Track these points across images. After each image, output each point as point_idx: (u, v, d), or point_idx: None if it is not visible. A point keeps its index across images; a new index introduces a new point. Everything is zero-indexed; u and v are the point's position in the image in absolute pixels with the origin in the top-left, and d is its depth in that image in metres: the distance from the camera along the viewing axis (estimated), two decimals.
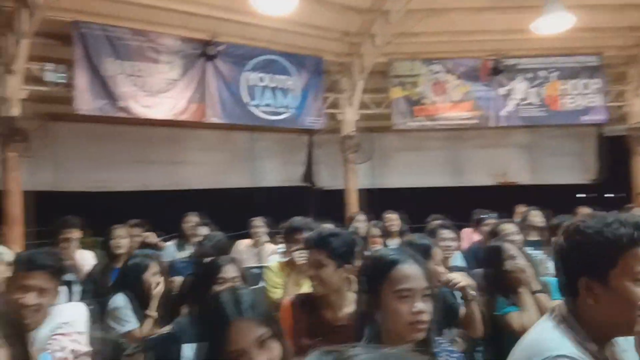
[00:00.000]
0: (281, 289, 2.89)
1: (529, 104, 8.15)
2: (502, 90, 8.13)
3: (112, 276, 3.53)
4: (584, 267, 1.27)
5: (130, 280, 2.89)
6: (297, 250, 2.86)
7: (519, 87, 8.14)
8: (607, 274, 1.23)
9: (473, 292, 2.37)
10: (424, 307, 1.42)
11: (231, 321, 1.21)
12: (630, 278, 1.21)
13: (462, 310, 2.42)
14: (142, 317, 2.81)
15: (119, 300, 2.82)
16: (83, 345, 2.01)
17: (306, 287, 2.57)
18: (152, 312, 2.82)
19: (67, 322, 2.00)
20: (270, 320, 1.27)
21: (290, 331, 1.99)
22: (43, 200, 7.00)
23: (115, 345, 2.42)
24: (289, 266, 3.00)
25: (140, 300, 2.84)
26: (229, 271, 2.31)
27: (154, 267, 2.95)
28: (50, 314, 2.07)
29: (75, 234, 4.14)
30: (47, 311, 2.08)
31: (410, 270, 1.46)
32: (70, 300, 2.96)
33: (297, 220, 3.29)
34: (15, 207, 5.71)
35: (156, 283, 2.85)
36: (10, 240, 5.34)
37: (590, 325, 1.25)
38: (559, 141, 9.35)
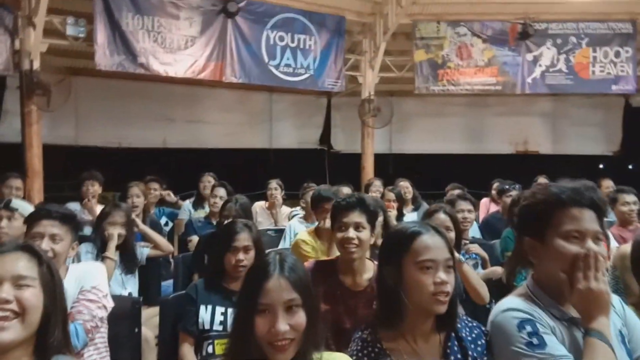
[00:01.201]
0: (313, 256, 2.91)
1: (557, 71, 7.89)
2: (529, 56, 7.87)
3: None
4: (525, 228, 1.43)
5: (96, 228, 3.11)
6: (325, 218, 2.90)
7: (547, 53, 7.86)
8: (544, 233, 1.36)
9: (461, 258, 2.41)
10: (446, 278, 1.42)
11: (270, 276, 1.24)
12: (562, 235, 1.33)
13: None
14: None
15: (82, 247, 2.96)
16: (108, 308, 2.07)
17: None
18: (108, 253, 2.94)
19: (94, 285, 2.04)
20: (305, 290, 1.27)
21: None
22: (63, 154, 7.10)
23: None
24: (318, 234, 3.01)
25: (102, 246, 3.01)
26: (242, 239, 2.32)
27: (113, 216, 3.07)
28: (72, 270, 2.11)
29: (97, 188, 4.21)
30: (65, 264, 2.12)
31: (432, 242, 1.46)
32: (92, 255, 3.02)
33: (325, 189, 3.31)
34: (36, 161, 5.79)
35: (107, 229, 3.00)
36: (30, 194, 5.43)
37: (545, 286, 1.37)
38: (584, 111, 9.10)
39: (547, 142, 9.38)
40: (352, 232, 2.11)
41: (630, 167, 12.84)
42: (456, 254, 2.39)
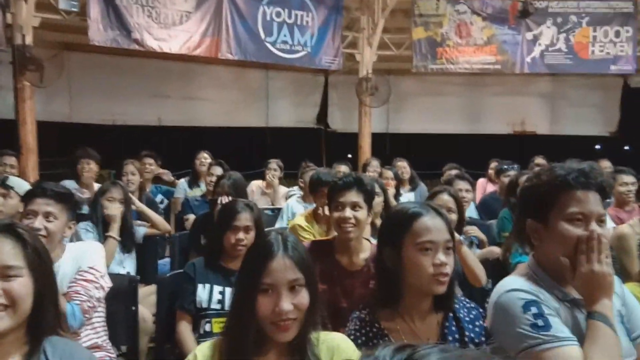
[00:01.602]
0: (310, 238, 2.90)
1: (556, 50, 7.82)
2: (529, 35, 7.79)
3: None
4: (528, 210, 1.41)
5: (94, 206, 3.05)
6: (325, 203, 2.85)
7: (547, 32, 7.78)
8: (547, 215, 1.35)
9: (460, 239, 2.41)
10: (445, 260, 1.42)
11: (274, 255, 1.23)
12: (565, 218, 1.32)
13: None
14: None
15: (81, 225, 2.93)
16: (106, 288, 2.06)
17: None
18: (112, 233, 2.92)
19: (91, 265, 2.02)
20: (308, 270, 1.27)
21: None
22: (57, 131, 7.03)
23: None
24: (316, 218, 2.99)
25: (103, 225, 2.97)
26: (243, 219, 2.30)
27: (111, 192, 3.03)
28: (68, 249, 2.09)
29: (93, 166, 4.17)
30: (62, 243, 2.10)
31: (432, 223, 1.45)
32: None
33: (324, 172, 3.24)
34: (30, 137, 5.73)
35: (107, 207, 2.97)
36: (25, 171, 5.38)
37: (547, 268, 1.36)
38: (582, 91, 9.06)
39: (544, 122, 9.35)
40: (348, 212, 2.10)
41: (627, 148, 12.86)
42: (456, 235, 2.39)
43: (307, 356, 1.26)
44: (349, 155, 8.45)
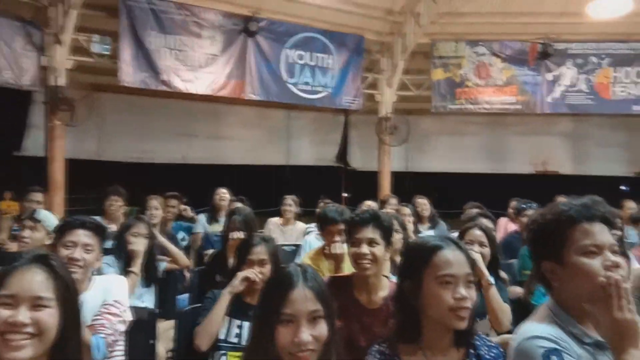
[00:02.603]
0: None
1: (577, 91, 7.83)
2: (549, 76, 7.83)
3: None
4: (541, 252, 1.37)
5: (118, 240, 3.05)
6: (334, 241, 2.83)
7: (568, 73, 7.81)
8: (561, 253, 1.31)
9: (490, 280, 2.33)
10: (466, 294, 1.40)
11: (295, 287, 1.24)
12: (579, 252, 1.28)
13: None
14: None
15: (104, 259, 2.91)
16: (127, 322, 2.08)
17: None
18: (134, 269, 2.91)
19: (117, 299, 2.05)
20: (327, 302, 1.27)
21: None
22: (86, 168, 7.23)
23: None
24: (325, 255, 2.96)
25: (126, 259, 2.96)
26: (257, 252, 2.31)
27: (136, 227, 3.04)
28: (95, 281, 2.13)
29: (121, 203, 4.25)
30: (91, 276, 2.14)
31: (452, 256, 1.44)
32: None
33: (331, 209, 3.08)
34: (58, 174, 5.91)
35: (132, 242, 2.96)
36: (51, 207, 5.53)
37: (569, 308, 1.31)
38: (605, 131, 8.99)
39: (567, 162, 9.26)
40: (365, 248, 2.09)
41: None
42: (487, 275, 2.34)
43: None
44: (367, 194, 8.45)
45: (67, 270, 1.29)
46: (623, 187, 10.93)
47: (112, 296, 2.06)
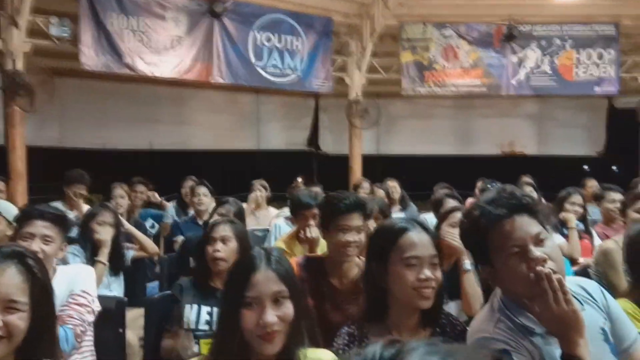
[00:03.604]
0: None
1: (541, 72, 7.98)
2: (514, 58, 7.95)
3: None
4: (474, 256, 1.40)
5: (83, 229, 3.00)
6: (308, 225, 2.82)
7: (532, 55, 7.95)
8: (488, 258, 1.29)
9: (468, 264, 2.36)
10: (431, 275, 1.43)
11: (257, 269, 1.24)
12: (503, 255, 1.25)
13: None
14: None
15: (69, 249, 2.87)
16: (96, 312, 2.05)
17: None
18: (101, 258, 2.88)
19: (84, 289, 2.02)
20: (292, 282, 1.27)
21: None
22: (48, 156, 7.01)
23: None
24: (299, 239, 2.96)
25: (92, 249, 2.93)
26: (219, 230, 2.30)
27: (101, 216, 3.00)
28: (59, 272, 2.08)
29: (82, 189, 4.15)
30: (55, 266, 2.09)
31: (417, 238, 1.47)
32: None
33: (305, 194, 3.08)
34: (19, 162, 5.71)
35: (98, 231, 2.92)
36: (14, 196, 5.35)
37: (516, 300, 1.29)
38: (569, 112, 9.22)
39: (532, 143, 9.47)
40: (355, 236, 2.07)
41: (614, 168, 13.02)
42: (465, 262, 2.36)
43: None
44: (339, 178, 8.47)
45: (43, 268, 1.26)
46: (586, 167, 11.28)
47: (79, 286, 2.02)
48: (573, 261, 3.34)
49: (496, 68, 7.98)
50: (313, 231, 2.78)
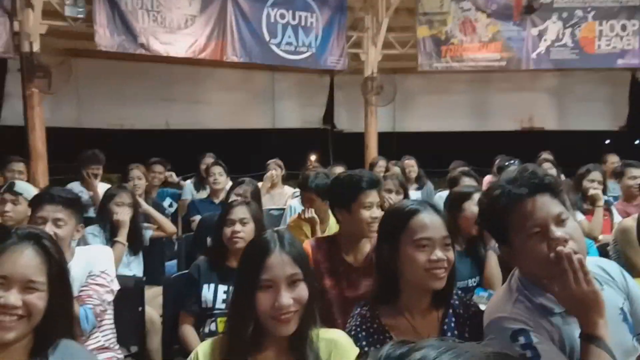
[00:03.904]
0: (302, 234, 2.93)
1: (562, 45, 7.76)
2: (534, 31, 7.74)
3: None
4: (494, 237, 1.37)
5: (102, 210, 3.07)
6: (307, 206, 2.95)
7: (553, 28, 7.72)
8: (507, 238, 1.29)
9: (493, 249, 2.37)
10: (442, 256, 1.43)
11: (271, 252, 1.26)
12: (523, 235, 1.25)
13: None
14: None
15: (89, 229, 2.95)
16: (115, 292, 2.10)
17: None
18: (120, 238, 2.93)
19: (103, 270, 2.06)
20: (305, 264, 1.29)
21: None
22: (66, 137, 7.11)
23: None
24: (306, 221, 3.01)
25: (112, 229, 2.98)
26: (238, 212, 2.33)
27: (119, 197, 3.05)
28: (79, 254, 2.13)
29: (97, 169, 4.20)
30: (71, 247, 2.14)
31: (429, 220, 1.46)
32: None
33: (307, 175, 3.15)
34: (39, 143, 5.80)
35: (116, 212, 2.97)
36: (34, 177, 5.45)
37: (534, 280, 1.29)
38: (590, 86, 8.98)
39: (552, 118, 9.28)
40: (377, 212, 2.09)
41: (636, 142, 12.73)
42: (493, 244, 2.36)
43: (306, 352, 1.28)
44: (354, 155, 8.44)
45: (59, 249, 1.29)
46: (608, 142, 11.04)
47: (98, 267, 2.06)
48: (593, 239, 3.31)
49: (516, 41, 7.78)
50: (309, 212, 2.94)
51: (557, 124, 9.27)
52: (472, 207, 2.40)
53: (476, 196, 2.47)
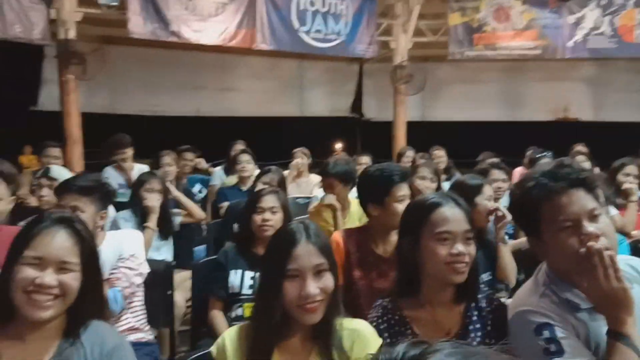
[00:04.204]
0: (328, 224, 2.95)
1: (600, 34, 7.51)
2: (571, 19, 7.51)
3: None
4: (524, 228, 1.37)
5: (133, 196, 3.11)
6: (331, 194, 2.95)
7: (591, 15, 7.48)
8: (538, 230, 1.28)
9: (504, 236, 2.35)
10: (464, 250, 1.42)
11: (298, 243, 1.28)
12: (555, 229, 1.24)
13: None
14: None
15: (120, 214, 3.02)
16: (144, 275, 2.15)
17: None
18: (150, 224, 2.97)
19: (132, 253, 2.11)
20: (330, 255, 1.31)
21: (342, 263, 2.06)
22: (100, 122, 7.28)
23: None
24: (327, 207, 3.02)
25: (142, 214, 3.02)
26: (268, 201, 2.36)
27: (150, 183, 3.08)
28: (110, 237, 2.19)
29: (124, 153, 4.27)
30: (103, 231, 2.20)
31: (450, 213, 1.45)
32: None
33: (331, 163, 3.15)
34: (75, 128, 5.97)
35: (146, 198, 3.00)
36: (71, 161, 5.62)
37: (562, 275, 1.28)
38: (628, 76, 8.68)
39: (588, 108, 9.03)
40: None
41: None
42: (502, 236, 2.35)
43: (330, 341, 1.30)
44: (382, 145, 8.39)
45: (89, 232, 1.35)
46: None
47: (127, 251, 2.12)
48: (626, 234, 3.22)
49: (551, 29, 7.57)
50: (327, 199, 2.98)
51: (593, 114, 9.02)
52: (483, 200, 2.39)
53: (486, 189, 2.49)
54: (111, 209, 2.91)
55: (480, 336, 1.45)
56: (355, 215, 2.93)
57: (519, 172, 5.56)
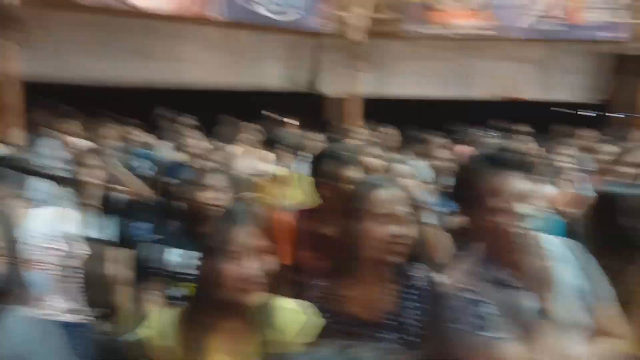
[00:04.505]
0: (274, 201, 2.93)
1: (551, 16, 7.69)
2: (524, 0, 7.65)
3: None
4: (460, 204, 1.43)
5: (72, 171, 3.01)
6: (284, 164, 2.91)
7: None
8: (473, 208, 1.34)
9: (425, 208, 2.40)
10: (401, 231, 1.44)
11: (237, 225, 1.29)
12: (490, 208, 1.29)
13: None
14: None
15: (56, 190, 2.91)
16: (80, 254, 2.07)
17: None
18: (90, 200, 2.91)
19: (64, 232, 2.02)
20: (270, 235, 1.35)
21: (292, 243, 2.06)
22: (42, 91, 6.93)
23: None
24: (281, 180, 3.02)
25: (81, 191, 2.93)
26: (215, 179, 2.32)
27: (90, 158, 3.03)
28: (36, 215, 2.09)
29: (69, 123, 4.11)
30: (29, 209, 2.10)
31: (390, 195, 1.47)
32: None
33: (289, 138, 3.19)
34: (13, 98, 5.66)
35: (86, 174, 2.94)
36: (6, 131, 5.34)
37: (492, 253, 1.35)
38: (573, 58, 8.97)
39: (534, 88, 9.29)
40: None
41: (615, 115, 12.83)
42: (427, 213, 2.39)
43: (267, 321, 1.31)
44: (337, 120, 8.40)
45: (7, 217, 1.27)
46: (592, 114, 11.12)
47: (58, 230, 2.04)
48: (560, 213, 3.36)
49: (505, 10, 7.70)
50: (277, 172, 3.06)
51: (539, 94, 9.28)
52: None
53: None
54: (44, 184, 2.80)
55: (414, 315, 1.49)
56: (300, 190, 2.93)
57: (460, 150, 5.72)
